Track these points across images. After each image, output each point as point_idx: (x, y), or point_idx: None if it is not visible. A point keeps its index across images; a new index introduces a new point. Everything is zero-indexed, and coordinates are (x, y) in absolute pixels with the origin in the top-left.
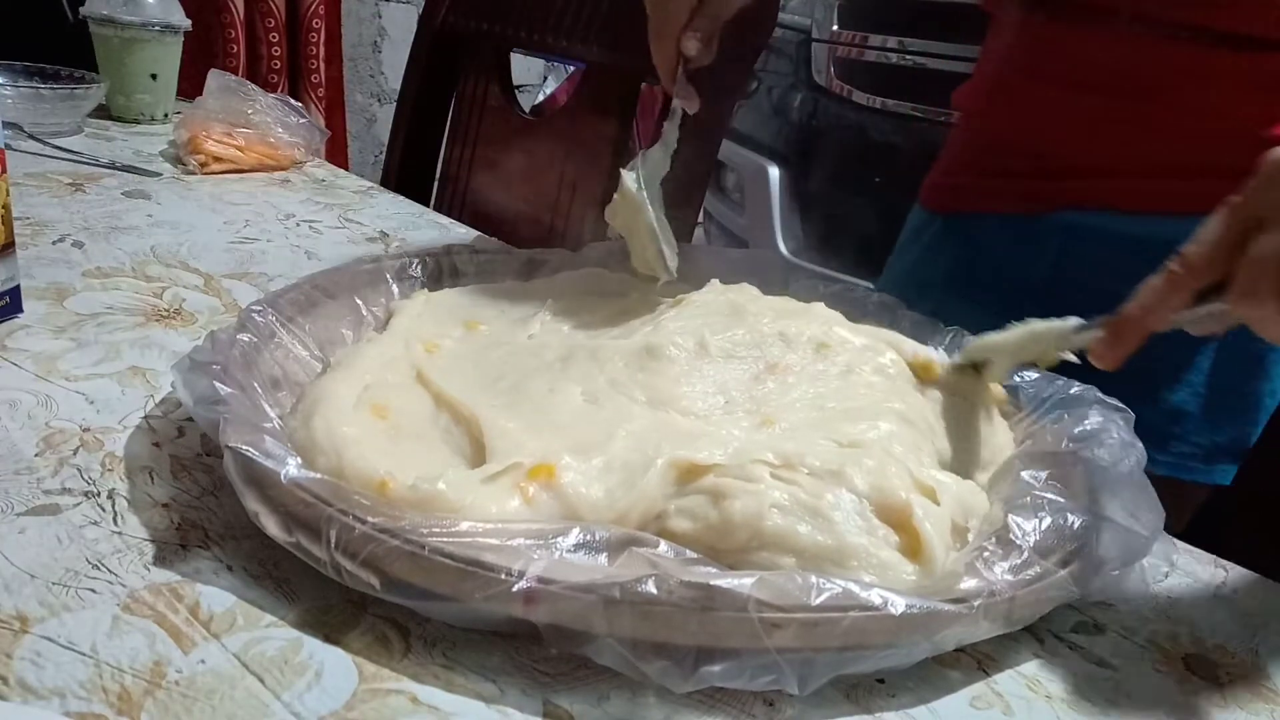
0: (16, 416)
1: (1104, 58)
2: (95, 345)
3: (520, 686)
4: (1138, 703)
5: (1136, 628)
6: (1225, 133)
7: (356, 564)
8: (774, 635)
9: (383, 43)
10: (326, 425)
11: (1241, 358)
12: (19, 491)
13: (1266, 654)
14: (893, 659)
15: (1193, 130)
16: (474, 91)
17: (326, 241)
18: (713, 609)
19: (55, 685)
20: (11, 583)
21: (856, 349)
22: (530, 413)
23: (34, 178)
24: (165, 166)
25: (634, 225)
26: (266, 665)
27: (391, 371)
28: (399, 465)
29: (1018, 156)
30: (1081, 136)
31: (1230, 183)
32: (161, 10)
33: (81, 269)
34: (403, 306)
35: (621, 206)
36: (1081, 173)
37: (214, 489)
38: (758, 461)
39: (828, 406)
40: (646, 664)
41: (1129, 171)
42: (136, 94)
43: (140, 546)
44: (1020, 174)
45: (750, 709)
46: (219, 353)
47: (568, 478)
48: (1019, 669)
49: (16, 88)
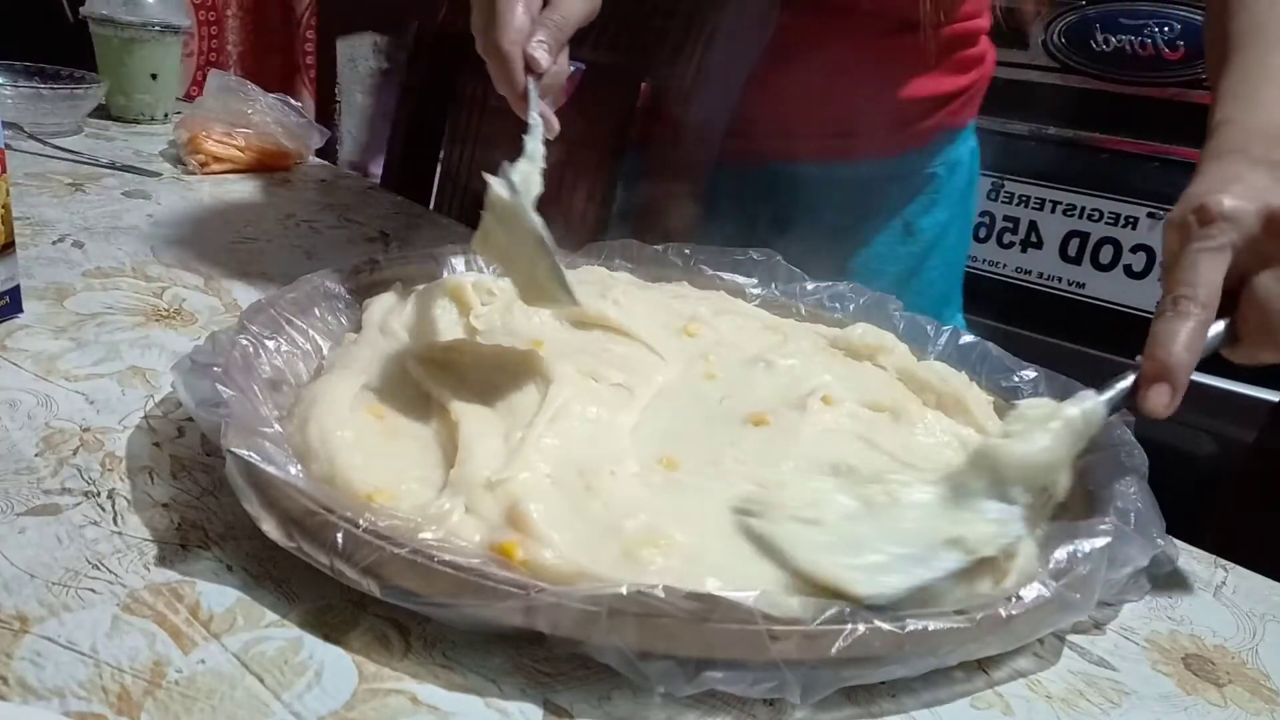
0: (16, 416)
1: (824, 44)
2: (95, 345)
3: (520, 686)
4: (1138, 703)
5: (1136, 628)
6: (889, 97)
7: (358, 570)
8: (775, 647)
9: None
10: (320, 430)
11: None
12: (19, 491)
13: (1266, 654)
14: (896, 671)
15: (869, 97)
16: (474, 91)
17: (326, 241)
18: (715, 620)
19: (55, 685)
20: (11, 583)
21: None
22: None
23: (34, 178)
24: (165, 166)
25: (514, 245)
26: (266, 665)
27: (385, 370)
28: (392, 469)
29: (755, 123)
30: (797, 106)
31: (887, 135)
32: (161, 10)
33: (81, 269)
34: (375, 302)
35: (494, 225)
36: (791, 134)
37: (214, 489)
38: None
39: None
40: (648, 666)
41: (823, 133)
42: (136, 94)
43: (140, 546)
44: (752, 135)
45: (751, 709)
46: (220, 354)
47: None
48: (1019, 669)
49: (16, 88)
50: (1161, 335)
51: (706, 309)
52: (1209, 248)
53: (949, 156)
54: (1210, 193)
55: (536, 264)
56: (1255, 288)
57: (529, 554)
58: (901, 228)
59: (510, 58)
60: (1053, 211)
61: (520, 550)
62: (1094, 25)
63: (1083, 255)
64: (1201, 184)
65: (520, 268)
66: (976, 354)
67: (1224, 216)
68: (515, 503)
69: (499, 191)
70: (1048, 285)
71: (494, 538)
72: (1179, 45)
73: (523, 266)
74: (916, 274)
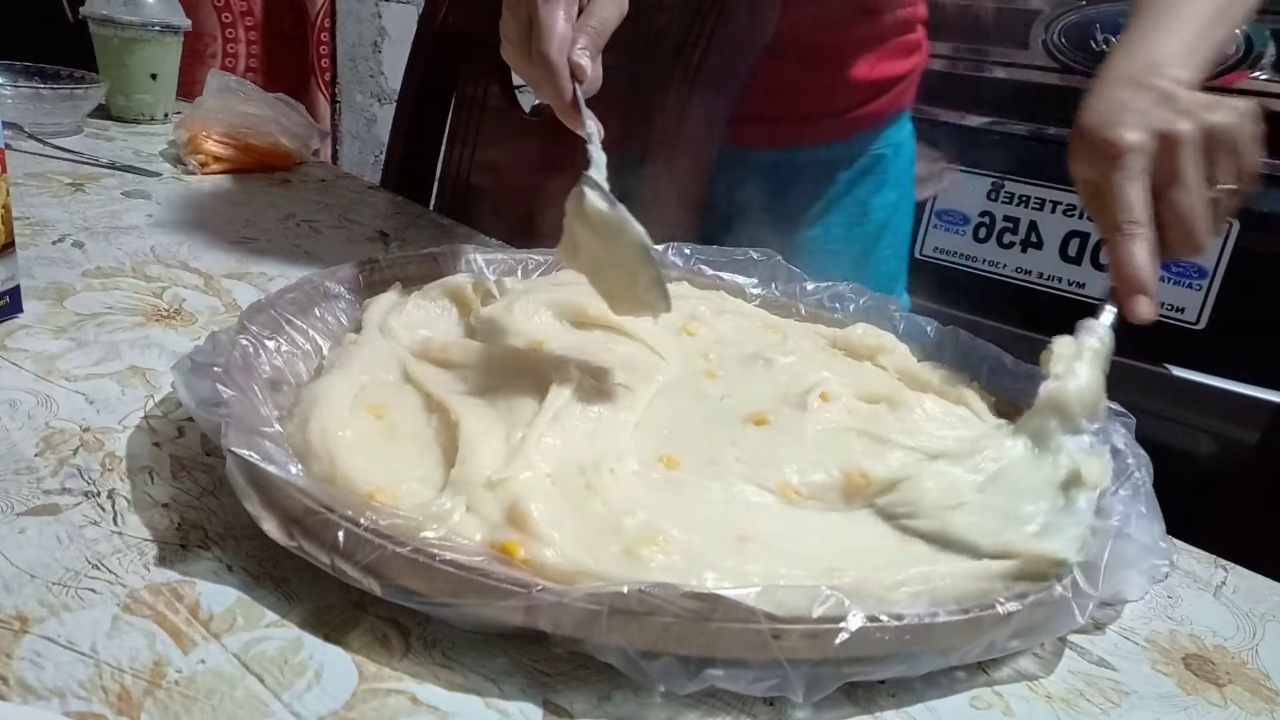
0: (16, 416)
1: (796, 33)
2: (95, 345)
3: (520, 686)
4: (1138, 703)
5: (1136, 628)
6: (844, 80)
7: (359, 569)
8: (776, 645)
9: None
10: (321, 429)
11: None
12: (19, 491)
13: (1266, 654)
14: (898, 669)
15: (827, 81)
16: (474, 91)
17: (326, 241)
18: (717, 619)
19: (55, 685)
20: (11, 583)
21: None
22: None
23: (34, 178)
24: (165, 166)
25: (612, 255)
26: (266, 665)
27: (385, 369)
28: (393, 468)
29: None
30: (770, 92)
31: (856, 115)
32: (161, 10)
33: (81, 269)
34: (375, 302)
35: (585, 236)
36: (752, 119)
37: (214, 489)
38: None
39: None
40: (649, 665)
41: (785, 117)
42: (136, 94)
43: (140, 546)
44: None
45: (752, 709)
46: (220, 354)
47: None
48: (1019, 669)
49: (16, 88)
50: (1124, 256)
51: (706, 308)
52: (1130, 177)
53: (893, 138)
54: (1107, 125)
55: (639, 273)
56: (1172, 203)
57: (530, 553)
58: (855, 208)
59: (558, 67)
60: (1053, 211)
61: (522, 549)
62: (1094, 25)
63: (1083, 255)
64: (1094, 114)
65: (616, 278)
66: (977, 354)
67: (1130, 149)
68: (516, 502)
69: (599, 204)
70: (1048, 285)
71: (495, 537)
72: None
73: (619, 277)
74: (871, 254)
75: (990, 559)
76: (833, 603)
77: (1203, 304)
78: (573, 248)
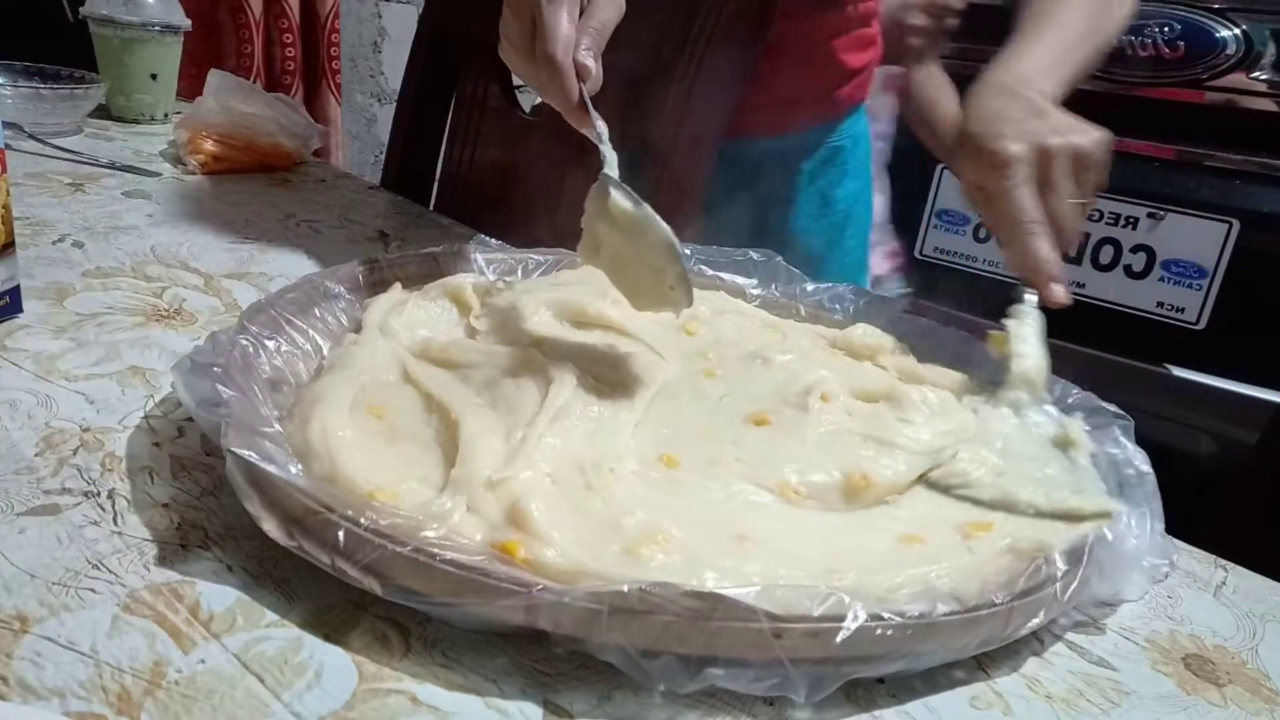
0: (16, 416)
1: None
2: (95, 345)
3: (520, 686)
4: (1138, 703)
5: (1136, 628)
6: (809, 70)
7: (359, 569)
8: (777, 644)
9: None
10: (322, 429)
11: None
12: (19, 491)
13: (1266, 654)
14: (899, 665)
15: (795, 72)
16: (474, 91)
17: (326, 241)
18: (718, 618)
19: (55, 685)
20: (11, 583)
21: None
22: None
23: (34, 178)
24: (165, 166)
25: (636, 253)
26: (266, 665)
27: (386, 369)
28: (393, 468)
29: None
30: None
31: (819, 105)
32: (161, 10)
33: (81, 269)
34: (375, 302)
35: (608, 235)
36: (746, 109)
37: (214, 489)
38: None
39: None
40: (650, 664)
41: (755, 106)
42: (136, 94)
43: (140, 546)
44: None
45: (752, 708)
46: (219, 354)
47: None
48: (1019, 669)
49: (16, 88)
50: (1034, 250)
51: (706, 308)
52: (1018, 184)
53: (852, 130)
54: (990, 136)
55: (665, 270)
56: (1053, 210)
57: (531, 553)
58: (819, 199)
59: (564, 68)
60: None
61: (522, 549)
62: None
63: (1083, 255)
64: (977, 123)
65: (640, 275)
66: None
67: (1015, 160)
68: (516, 501)
69: (624, 203)
70: None
71: (495, 536)
72: (1179, 45)
73: (643, 274)
74: (837, 244)
75: (1052, 518)
76: (833, 601)
77: (1203, 304)
78: (594, 246)
